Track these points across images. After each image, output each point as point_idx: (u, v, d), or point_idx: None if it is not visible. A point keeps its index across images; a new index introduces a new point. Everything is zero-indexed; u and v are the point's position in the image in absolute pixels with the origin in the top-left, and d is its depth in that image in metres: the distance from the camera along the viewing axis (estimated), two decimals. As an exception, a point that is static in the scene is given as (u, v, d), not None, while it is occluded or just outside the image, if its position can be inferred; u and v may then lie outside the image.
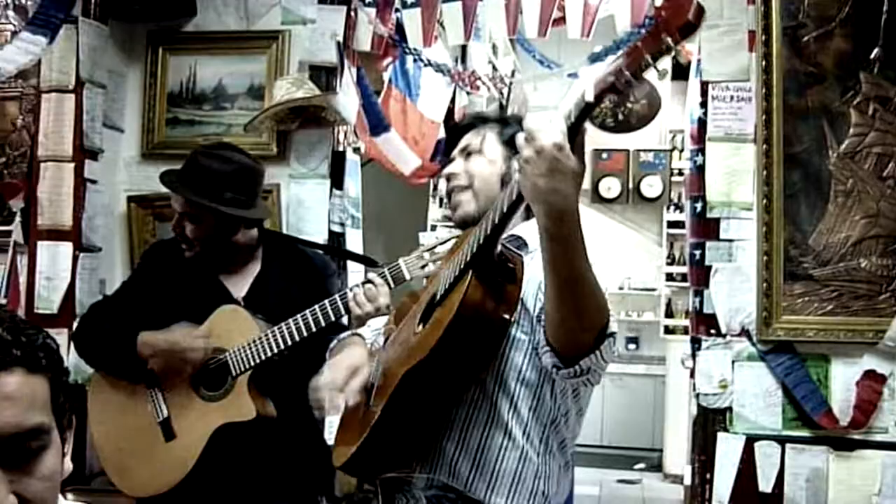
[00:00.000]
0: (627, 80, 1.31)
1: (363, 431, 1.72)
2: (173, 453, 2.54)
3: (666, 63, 1.32)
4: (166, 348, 2.51)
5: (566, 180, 1.37)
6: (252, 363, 2.47)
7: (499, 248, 1.59)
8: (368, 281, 2.40)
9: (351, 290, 2.43)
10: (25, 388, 1.00)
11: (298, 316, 2.43)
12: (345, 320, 2.52)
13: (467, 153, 1.93)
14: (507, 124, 1.94)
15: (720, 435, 3.00)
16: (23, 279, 3.37)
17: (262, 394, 2.51)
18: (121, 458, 2.63)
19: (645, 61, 1.29)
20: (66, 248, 3.31)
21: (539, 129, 1.37)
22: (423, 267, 2.30)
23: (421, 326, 1.71)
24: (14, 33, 3.37)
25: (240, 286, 2.64)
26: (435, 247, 2.32)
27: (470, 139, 1.94)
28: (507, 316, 1.60)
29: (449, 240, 2.24)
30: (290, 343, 2.44)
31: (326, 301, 2.43)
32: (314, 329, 2.42)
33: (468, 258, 1.60)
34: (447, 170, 1.96)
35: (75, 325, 2.89)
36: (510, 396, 1.72)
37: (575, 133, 1.38)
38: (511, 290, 1.60)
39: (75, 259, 3.31)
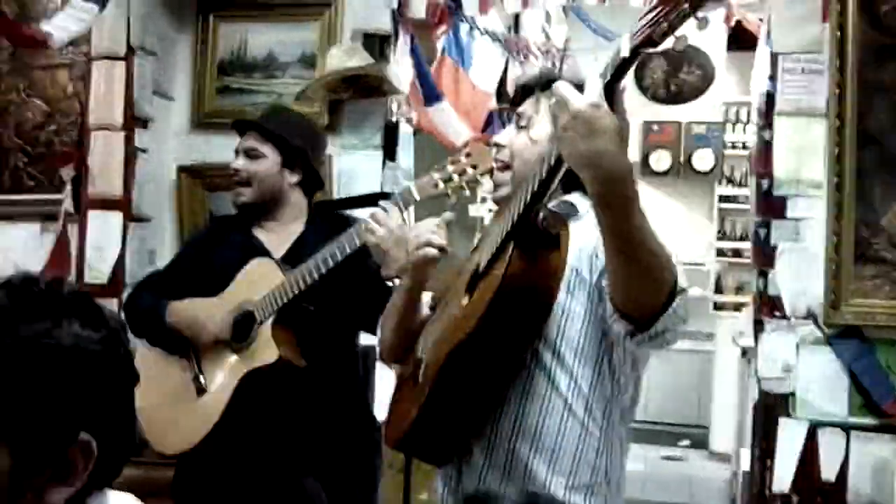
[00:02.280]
0: (664, 31, 1.23)
1: (414, 410, 1.68)
2: (202, 407, 2.54)
3: (707, 11, 1.24)
4: (187, 325, 2.55)
5: (609, 140, 1.30)
6: (274, 307, 2.44)
7: (541, 214, 1.51)
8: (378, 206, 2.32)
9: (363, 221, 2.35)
10: None
11: (316, 254, 2.38)
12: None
13: (518, 125, 1.83)
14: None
15: (782, 421, 2.91)
16: (73, 249, 3.36)
17: (293, 343, 2.48)
18: (158, 419, 2.62)
19: (683, 10, 1.21)
20: (117, 217, 3.30)
21: (572, 91, 1.31)
22: (434, 186, 2.15)
23: (466, 300, 1.67)
24: (65, 1, 3.33)
25: (280, 247, 2.62)
26: (445, 166, 2.15)
27: (525, 107, 1.82)
28: (551, 286, 1.55)
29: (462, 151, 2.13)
30: (308, 281, 2.38)
31: (340, 236, 2.36)
32: (331, 263, 2.35)
33: (508, 228, 1.54)
34: (496, 137, 1.89)
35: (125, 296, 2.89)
36: (569, 371, 1.66)
37: (612, 91, 1.31)
38: (555, 258, 1.53)
39: (125, 229, 3.29)
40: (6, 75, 3.55)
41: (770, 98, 2.98)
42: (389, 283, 2.14)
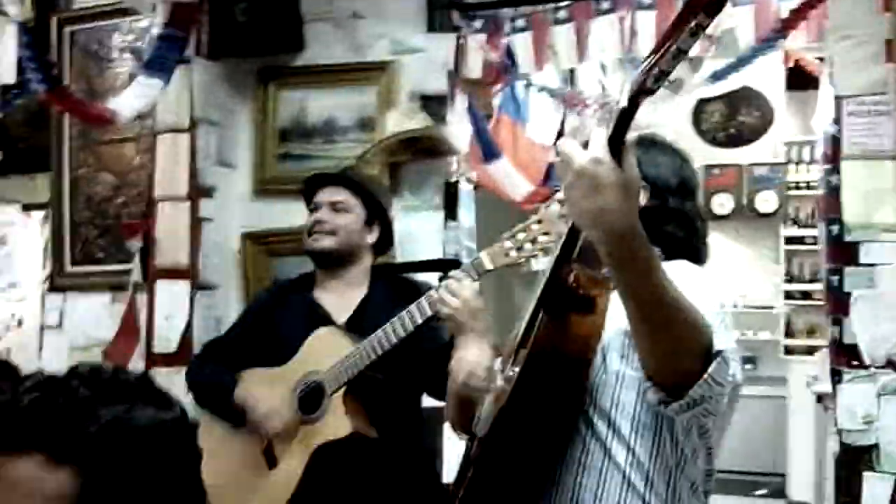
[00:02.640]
0: (656, 76, 1.17)
1: (463, 486, 1.65)
2: (273, 483, 2.50)
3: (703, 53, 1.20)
4: (252, 410, 2.51)
5: (614, 195, 1.23)
6: (345, 379, 2.40)
7: (573, 276, 1.48)
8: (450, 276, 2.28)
9: (434, 288, 2.31)
10: (35, 483, 0.89)
11: (386, 324, 2.34)
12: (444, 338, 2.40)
13: None
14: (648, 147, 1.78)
15: (866, 475, 2.80)
16: (142, 318, 3.41)
17: (364, 414, 2.44)
18: (229, 496, 2.60)
19: (673, 52, 1.16)
20: (184, 286, 3.35)
21: (575, 148, 1.26)
22: (506, 255, 2.10)
23: (510, 371, 1.62)
24: (131, 76, 3.43)
25: (343, 311, 2.60)
26: (516, 234, 2.09)
27: None
28: (583, 350, 1.50)
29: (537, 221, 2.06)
30: (379, 352, 2.34)
31: (411, 305, 2.32)
32: (403, 333, 2.31)
33: (539, 294, 1.51)
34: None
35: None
36: (625, 441, 1.56)
37: (618, 145, 1.24)
38: (589, 322, 1.49)
39: (192, 297, 3.34)
40: (76, 151, 3.66)
41: (835, 141, 2.92)
42: None
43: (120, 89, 3.35)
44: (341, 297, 2.62)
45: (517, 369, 1.51)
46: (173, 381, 3.23)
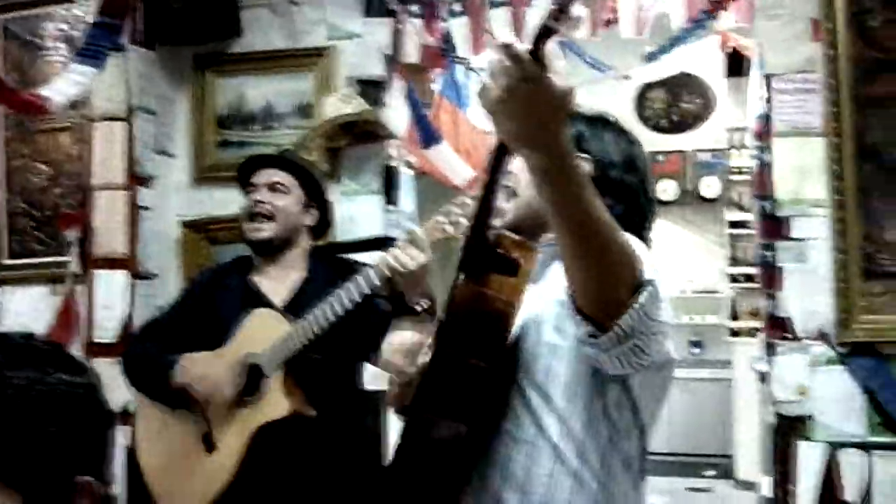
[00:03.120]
0: (553, 14, 1.16)
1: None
2: (214, 464, 2.48)
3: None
4: (198, 385, 2.48)
5: (546, 107, 1.20)
6: (282, 359, 2.40)
7: (494, 238, 1.46)
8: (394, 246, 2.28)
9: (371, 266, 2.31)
10: None
11: (322, 303, 2.33)
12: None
13: None
14: (571, 122, 1.80)
15: (800, 444, 2.87)
16: (82, 309, 3.37)
17: (302, 394, 2.43)
18: (167, 481, 2.59)
19: None
20: (122, 276, 3.31)
21: (502, 65, 1.18)
22: (440, 230, 2.11)
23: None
24: (64, 65, 3.38)
25: (280, 294, 2.58)
26: (450, 209, 2.10)
27: None
28: (503, 311, 1.45)
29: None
30: (316, 331, 2.34)
31: (347, 283, 2.32)
32: (339, 312, 2.31)
33: (461, 253, 1.48)
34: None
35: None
36: (557, 413, 1.51)
37: (537, 54, 1.19)
38: (510, 284, 1.45)
39: (132, 287, 3.31)
40: (11, 141, 3.60)
41: (766, 120, 2.98)
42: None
43: (53, 78, 3.30)
44: (279, 280, 2.61)
45: (435, 338, 1.49)
46: (114, 371, 3.21)
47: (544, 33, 1.19)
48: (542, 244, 1.60)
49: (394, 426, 2.98)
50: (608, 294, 1.34)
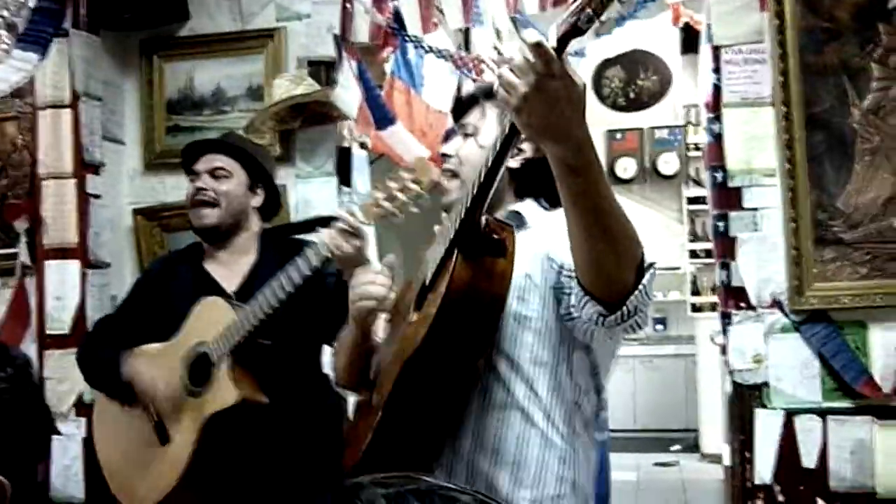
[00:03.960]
0: (589, 17, 1.21)
1: (368, 433, 1.63)
2: (168, 456, 2.46)
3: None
4: (141, 384, 2.48)
5: (572, 104, 1.27)
6: (229, 347, 2.37)
7: (484, 221, 1.50)
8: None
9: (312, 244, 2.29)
10: None
11: (265, 287, 2.31)
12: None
13: (465, 133, 1.82)
14: None
15: (757, 411, 2.89)
16: (33, 301, 3.32)
17: (253, 381, 2.41)
18: (123, 474, 2.58)
19: None
20: (74, 265, 3.26)
21: (531, 60, 1.23)
22: (377, 206, 2.07)
23: (415, 316, 1.63)
24: (5, 52, 3.31)
25: (233, 280, 2.56)
26: (388, 184, 2.07)
27: (471, 117, 1.82)
28: (499, 292, 1.51)
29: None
30: (261, 316, 2.31)
31: (287, 265, 2.29)
32: (283, 295, 2.28)
33: (452, 236, 1.51)
34: (443, 147, 1.86)
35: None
36: (526, 378, 1.63)
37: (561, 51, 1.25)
38: (502, 264, 1.51)
39: (84, 276, 3.25)
40: (-45, 133, 3.52)
41: (716, 90, 2.99)
42: None
43: (-6, 65, 3.23)
44: (230, 266, 2.59)
45: (432, 311, 1.50)
46: (69, 362, 3.17)
47: (572, 32, 1.24)
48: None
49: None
50: (617, 276, 1.42)
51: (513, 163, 1.74)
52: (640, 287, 1.42)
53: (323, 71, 3.27)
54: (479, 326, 1.54)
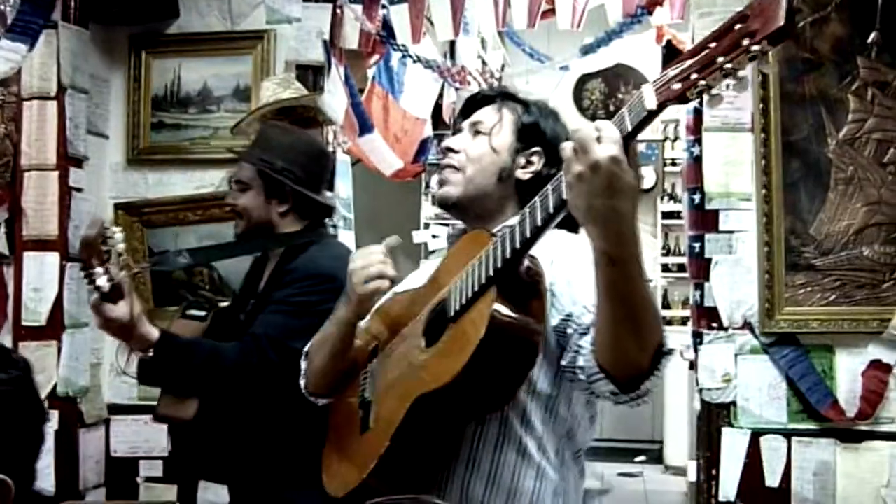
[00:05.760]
0: (700, 90, 1.18)
1: (369, 459, 1.56)
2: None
3: (746, 72, 1.16)
4: None
5: (626, 198, 1.22)
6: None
7: (525, 263, 1.44)
8: None
9: None
10: None
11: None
12: None
13: (476, 130, 1.76)
14: (530, 110, 1.77)
15: (725, 430, 2.95)
16: (10, 291, 3.31)
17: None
18: None
19: (723, 71, 1.15)
20: (53, 258, 3.25)
21: (592, 139, 1.20)
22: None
23: (424, 342, 1.57)
24: (-7, 42, 3.30)
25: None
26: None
27: (485, 115, 1.77)
28: (537, 335, 1.44)
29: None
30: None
31: None
32: None
33: (491, 272, 1.43)
34: (448, 141, 1.79)
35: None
36: (522, 410, 1.59)
37: (627, 144, 1.22)
38: (537, 305, 1.45)
39: (62, 269, 3.25)
40: (-63, 119, 3.50)
41: (697, 114, 3.04)
42: None
43: (-19, 54, 3.22)
44: (270, 267, 2.58)
45: (462, 346, 1.43)
46: (44, 355, 3.18)
47: (647, 119, 1.21)
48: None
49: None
50: (635, 361, 1.38)
51: (521, 174, 1.73)
52: (656, 372, 1.39)
53: (311, 75, 3.30)
54: (515, 367, 1.46)
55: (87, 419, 3.33)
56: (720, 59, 1.15)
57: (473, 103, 1.82)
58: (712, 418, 2.98)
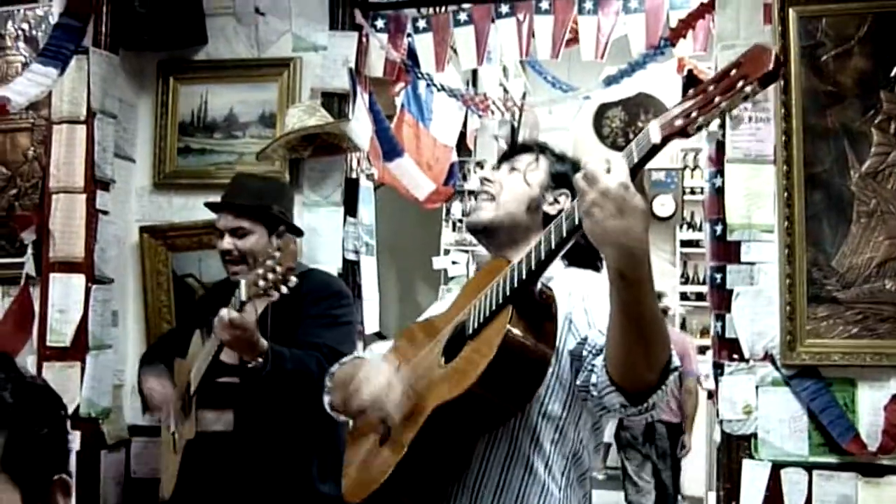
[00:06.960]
0: (700, 125, 1.30)
1: (386, 468, 1.65)
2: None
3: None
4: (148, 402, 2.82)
5: (636, 217, 1.35)
6: (197, 383, 2.58)
7: (539, 286, 1.55)
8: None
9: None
10: None
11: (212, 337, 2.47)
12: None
13: (512, 167, 1.93)
14: (563, 162, 1.94)
15: (745, 462, 2.94)
16: (35, 312, 3.34)
17: (216, 409, 2.60)
18: None
19: (720, 109, 1.28)
20: (79, 279, 3.29)
21: (602, 170, 1.35)
22: (256, 284, 2.23)
23: (443, 359, 1.66)
24: (25, 65, 3.36)
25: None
26: (265, 264, 2.23)
27: (523, 158, 1.93)
28: (548, 353, 1.55)
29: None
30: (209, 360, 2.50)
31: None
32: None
33: (507, 292, 1.55)
34: (484, 172, 1.96)
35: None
36: (532, 430, 1.69)
37: (635, 174, 1.36)
38: (549, 326, 1.55)
39: (88, 291, 3.29)
40: (-33, 141, 3.56)
41: (720, 146, 3.05)
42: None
43: (13, 78, 3.27)
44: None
45: (478, 360, 1.52)
46: (67, 376, 3.20)
47: (652, 152, 1.34)
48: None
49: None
50: (644, 376, 1.49)
51: (549, 209, 1.86)
52: (663, 387, 1.50)
53: (336, 102, 3.34)
54: (525, 383, 1.56)
55: (109, 440, 3.35)
56: (717, 99, 1.28)
57: (515, 150, 1.99)
58: (733, 450, 2.97)
